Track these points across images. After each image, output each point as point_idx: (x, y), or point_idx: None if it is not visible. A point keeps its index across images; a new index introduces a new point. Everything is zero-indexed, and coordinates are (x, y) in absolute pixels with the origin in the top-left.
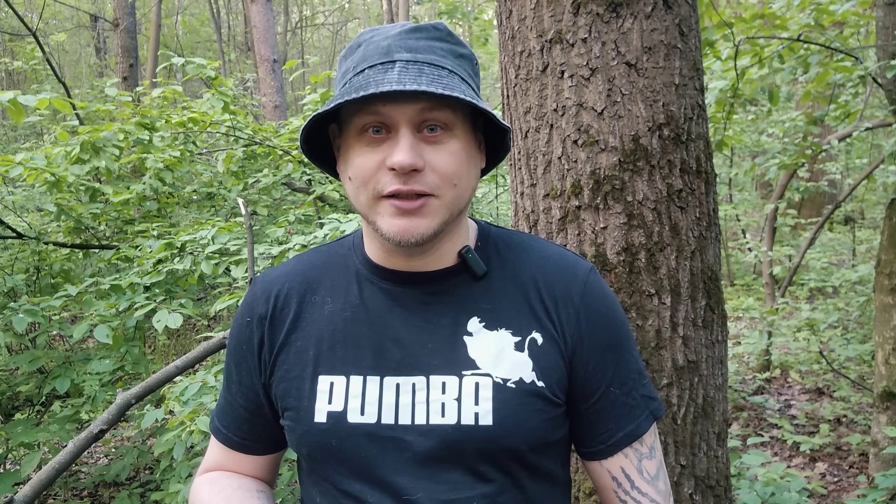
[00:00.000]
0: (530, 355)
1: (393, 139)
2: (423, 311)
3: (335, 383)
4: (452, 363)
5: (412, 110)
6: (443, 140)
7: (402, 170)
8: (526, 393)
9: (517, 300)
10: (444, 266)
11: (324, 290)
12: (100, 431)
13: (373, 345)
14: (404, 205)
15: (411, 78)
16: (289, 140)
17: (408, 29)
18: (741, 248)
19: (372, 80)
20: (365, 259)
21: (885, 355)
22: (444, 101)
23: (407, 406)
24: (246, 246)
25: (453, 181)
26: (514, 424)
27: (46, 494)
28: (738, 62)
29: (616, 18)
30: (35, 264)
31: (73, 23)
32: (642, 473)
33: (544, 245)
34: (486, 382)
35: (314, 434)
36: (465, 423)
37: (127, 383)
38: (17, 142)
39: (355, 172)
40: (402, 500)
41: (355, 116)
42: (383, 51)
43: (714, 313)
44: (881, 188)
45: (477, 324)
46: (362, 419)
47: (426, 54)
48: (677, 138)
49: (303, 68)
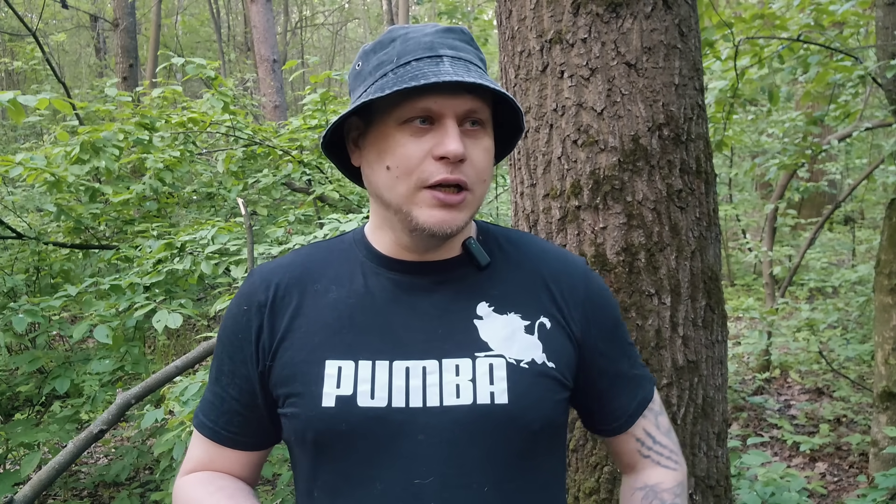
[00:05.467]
0: (540, 338)
1: (438, 130)
2: (431, 298)
3: (343, 367)
4: (464, 346)
5: (460, 103)
6: (479, 136)
7: (455, 158)
8: (538, 374)
9: (523, 288)
10: (449, 257)
11: (326, 279)
12: (100, 431)
13: (380, 331)
14: (448, 198)
15: (462, 71)
16: (288, 140)
17: (443, 29)
18: (741, 248)
19: (426, 70)
20: (370, 252)
21: (885, 355)
22: (482, 99)
23: (418, 389)
24: (246, 246)
25: (483, 177)
26: (528, 403)
27: (46, 494)
28: (737, 62)
29: (616, 18)
30: (35, 264)
31: (72, 23)
32: (660, 428)
33: (541, 241)
34: (499, 363)
35: (322, 419)
36: (482, 402)
37: (127, 383)
38: (17, 142)
39: (397, 161)
40: (413, 484)
41: (399, 107)
42: (427, 46)
43: (714, 313)
44: (881, 188)
45: (486, 308)
46: (372, 403)
47: (466, 54)
48: (677, 138)
49: (303, 68)
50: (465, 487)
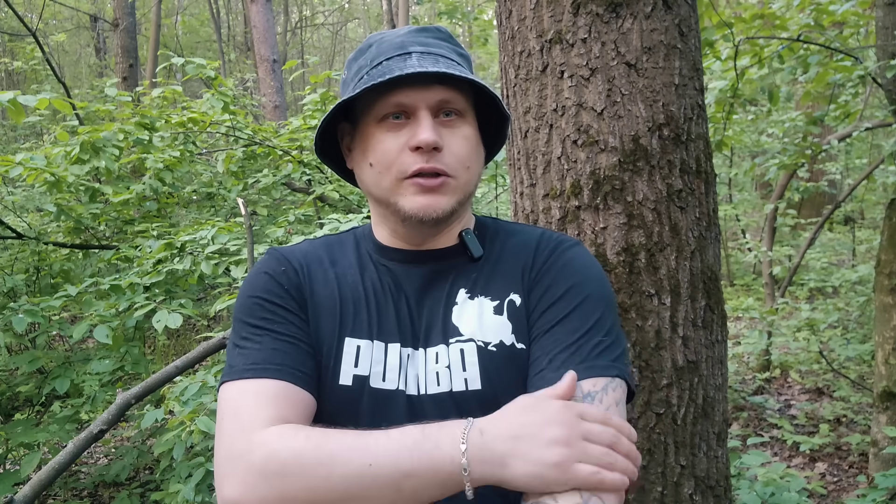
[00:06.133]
0: (509, 318)
1: (413, 123)
2: (424, 287)
3: (362, 347)
4: (442, 333)
5: (431, 95)
6: (457, 125)
7: (427, 147)
8: (508, 355)
9: (504, 273)
10: (446, 246)
11: (336, 266)
12: (100, 431)
13: (388, 316)
14: (427, 182)
15: (430, 63)
16: (288, 140)
17: (415, 29)
18: (741, 248)
19: (393, 67)
20: (374, 243)
21: (885, 355)
22: (458, 90)
23: (413, 377)
24: (246, 246)
25: (466, 164)
26: (501, 387)
27: (46, 494)
28: (737, 62)
29: (616, 19)
30: (35, 264)
31: (72, 23)
32: None
33: (537, 229)
34: (470, 348)
35: (340, 394)
36: (457, 389)
37: (127, 383)
38: (17, 142)
39: (378, 157)
40: None
41: (375, 105)
42: (398, 45)
43: (714, 313)
44: (881, 188)
45: (463, 294)
46: (383, 385)
47: (437, 48)
48: (677, 138)
49: (303, 68)
50: None
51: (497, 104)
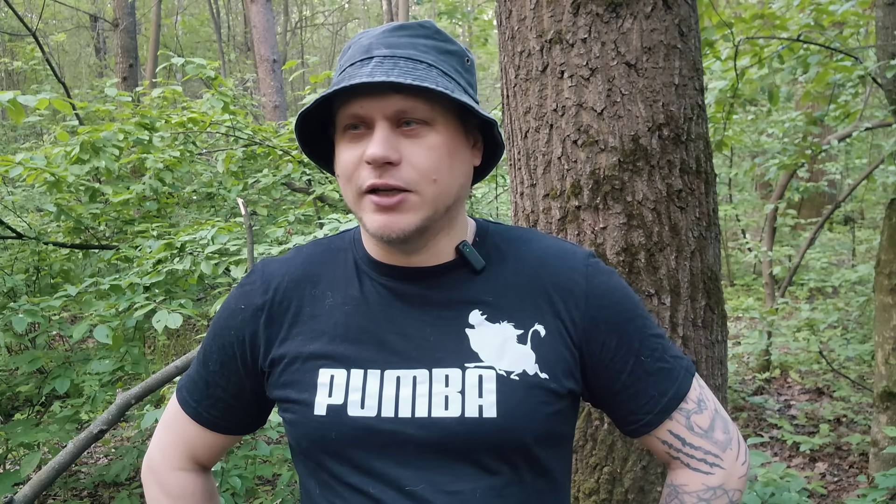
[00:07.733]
0: (533, 348)
1: (370, 134)
2: (423, 306)
3: (335, 376)
4: (455, 356)
5: (387, 105)
6: (421, 134)
7: (375, 162)
8: (530, 385)
9: (519, 293)
10: (443, 262)
11: (324, 283)
12: (100, 431)
13: (374, 338)
14: (382, 200)
15: (383, 71)
16: (288, 140)
17: (391, 27)
18: (741, 248)
19: (353, 74)
20: (364, 254)
21: (885, 355)
22: (422, 96)
23: (407, 399)
24: (246, 246)
25: (432, 176)
26: (518, 417)
27: (46, 494)
28: (737, 62)
29: (616, 19)
30: (35, 264)
31: (72, 23)
32: (693, 430)
33: (542, 237)
34: (489, 375)
35: (314, 427)
36: (469, 415)
37: (127, 383)
38: (17, 142)
39: (341, 169)
40: (405, 491)
41: (338, 114)
42: (364, 49)
43: (714, 313)
44: (881, 188)
45: (479, 316)
46: (362, 412)
47: (405, 50)
48: (677, 138)
49: (302, 68)
50: (456, 494)
51: (471, 110)
